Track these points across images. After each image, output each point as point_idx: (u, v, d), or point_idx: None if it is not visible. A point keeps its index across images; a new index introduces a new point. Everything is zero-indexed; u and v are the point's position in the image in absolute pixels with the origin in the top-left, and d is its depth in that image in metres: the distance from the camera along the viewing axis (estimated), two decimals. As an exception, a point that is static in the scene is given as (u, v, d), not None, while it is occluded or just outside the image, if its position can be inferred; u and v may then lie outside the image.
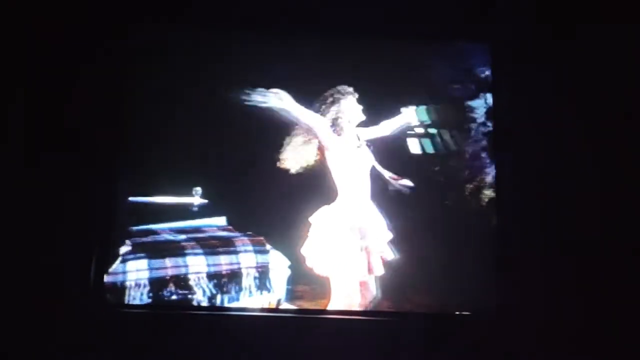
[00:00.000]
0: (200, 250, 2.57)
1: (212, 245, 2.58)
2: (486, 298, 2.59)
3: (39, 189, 2.53)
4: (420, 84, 2.83)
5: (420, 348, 2.51)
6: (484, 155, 2.76)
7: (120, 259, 2.51)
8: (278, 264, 2.60)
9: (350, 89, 2.76)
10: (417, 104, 2.80)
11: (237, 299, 2.56)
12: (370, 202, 2.70)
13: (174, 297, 2.50)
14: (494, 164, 2.75)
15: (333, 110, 2.73)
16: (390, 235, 2.67)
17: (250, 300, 2.57)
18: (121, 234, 2.55)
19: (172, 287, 2.51)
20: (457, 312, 2.62)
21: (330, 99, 2.74)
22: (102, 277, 2.51)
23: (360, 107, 2.75)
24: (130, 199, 2.58)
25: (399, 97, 2.79)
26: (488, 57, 2.87)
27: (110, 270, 2.50)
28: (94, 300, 2.51)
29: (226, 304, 2.55)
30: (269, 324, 2.54)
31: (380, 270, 2.64)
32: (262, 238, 2.62)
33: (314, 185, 2.68)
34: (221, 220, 2.63)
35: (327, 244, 2.65)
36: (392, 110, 2.77)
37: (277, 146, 2.68)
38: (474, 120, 2.79)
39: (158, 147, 2.65)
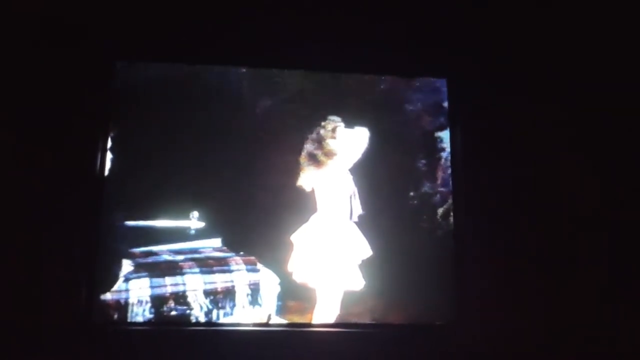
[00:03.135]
0: (197, 270, 2.76)
1: (208, 265, 2.78)
2: (455, 310, 2.88)
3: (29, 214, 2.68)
4: (395, 115, 3.09)
5: (404, 356, 2.77)
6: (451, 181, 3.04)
7: (123, 278, 2.69)
8: (268, 281, 2.80)
9: (338, 119, 3.02)
10: (395, 134, 3.06)
11: (232, 314, 2.75)
12: (349, 222, 2.94)
13: (173, 312, 2.70)
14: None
15: (315, 142, 2.99)
16: (369, 253, 2.91)
17: (244, 315, 2.76)
18: (123, 255, 2.73)
19: (171, 304, 2.70)
20: (437, 322, 2.88)
21: (315, 133, 3.00)
22: (97, 297, 2.67)
23: (343, 138, 3.01)
24: (132, 223, 2.77)
25: (377, 128, 3.03)
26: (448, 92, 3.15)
27: (114, 288, 2.68)
28: (88, 319, 2.66)
29: (221, 319, 2.74)
30: (261, 337, 2.74)
31: (359, 284, 2.88)
32: (253, 257, 2.83)
33: (301, 207, 2.91)
34: (216, 242, 2.82)
35: (310, 259, 2.87)
36: (370, 140, 3.02)
37: (268, 172, 2.91)
38: (443, 149, 3.08)
39: (160, 176, 2.85)
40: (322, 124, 3.01)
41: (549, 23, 3.14)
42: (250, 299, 2.79)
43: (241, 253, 2.83)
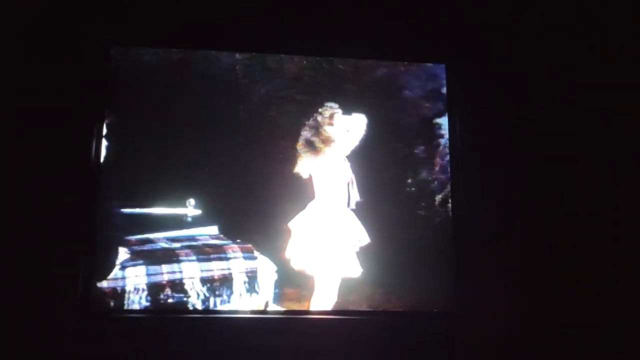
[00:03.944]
0: (194, 257, 2.75)
1: (205, 252, 2.77)
2: (453, 298, 2.87)
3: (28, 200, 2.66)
4: (394, 101, 3.06)
5: (401, 344, 2.76)
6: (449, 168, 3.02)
7: (119, 266, 2.68)
8: (266, 268, 2.79)
9: (336, 105, 2.99)
10: (393, 120, 3.03)
11: (229, 302, 2.75)
12: (347, 209, 2.93)
13: (170, 300, 2.69)
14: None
15: (312, 129, 2.97)
16: (366, 240, 2.89)
17: (241, 302, 2.76)
18: (120, 243, 2.71)
19: (168, 291, 2.69)
20: (435, 310, 2.87)
21: (312, 119, 2.97)
22: (94, 285, 2.66)
23: (341, 124, 2.98)
24: (128, 210, 2.75)
25: (374, 114, 3.00)
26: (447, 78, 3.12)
27: (110, 276, 2.67)
28: (85, 307, 2.65)
29: (218, 306, 2.73)
30: (258, 325, 2.73)
31: (356, 271, 2.86)
32: (250, 245, 2.82)
33: (298, 194, 2.89)
34: (213, 230, 2.81)
35: (307, 246, 2.86)
36: (368, 126, 2.99)
37: (265, 159, 2.89)
38: (441, 136, 3.05)
39: (156, 163, 2.82)
40: (320, 110, 2.98)
41: (548, 11, 3.11)
42: (247, 287, 2.78)
43: (238, 241, 2.82)
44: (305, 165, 2.92)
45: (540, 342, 2.80)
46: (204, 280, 2.74)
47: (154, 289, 2.69)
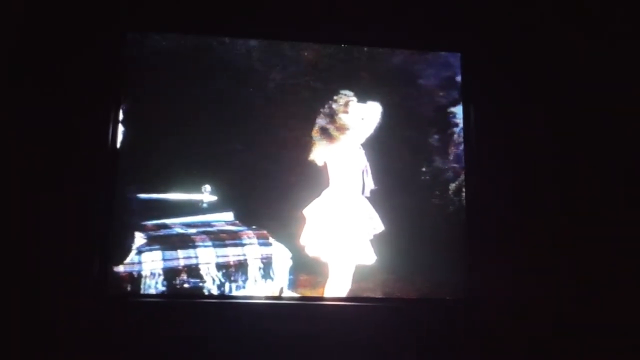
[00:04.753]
0: (209, 243, 2.76)
1: (221, 238, 2.78)
2: (465, 285, 2.89)
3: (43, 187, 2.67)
4: (408, 89, 3.06)
5: (414, 331, 2.79)
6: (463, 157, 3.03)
7: (135, 250, 2.70)
8: (281, 255, 2.81)
9: (351, 93, 2.99)
10: (408, 109, 3.03)
11: (244, 287, 2.77)
12: (361, 197, 2.94)
13: (186, 285, 2.71)
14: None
15: (327, 117, 2.97)
16: (380, 228, 2.91)
17: (256, 288, 2.78)
18: (136, 228, 2.72)
19: (184, 277, 2.71)
20: (447, 297, 2.89)
21: (327, 107, 2.98)
22: (110, 269, 2.68)
23: (356, 112, 2.98)
24: (144, 195, 2.76)
25: (389, 102, 3.01)
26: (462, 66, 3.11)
27: (127, 261, 2.69)
28: (102, 291, 2.67)
29: (234, 292, 2.76)
30: (273, 311, 2.75)
31: (370, 259, 2.88)
32: (265, 231, 2.83)
33: (313, 182, 2.90)
34: (228, 216, 2.82)
35: (322, 233, 2.87)
36: (383, 114, 2.99)
37: (280, 146, 2.89)
38: (456, 125, 3.05)
39: (172, 149, 2.83)
40: (335, 98, 2.98)
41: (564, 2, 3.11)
42: (262, 273, 2.79)
43: (253, 227, 2.83)
44: (320, 153, 2.93)
45: (552, 330, 2.82)
46: (219, 266, 2.75)
47: (170, 273, 2.71)
